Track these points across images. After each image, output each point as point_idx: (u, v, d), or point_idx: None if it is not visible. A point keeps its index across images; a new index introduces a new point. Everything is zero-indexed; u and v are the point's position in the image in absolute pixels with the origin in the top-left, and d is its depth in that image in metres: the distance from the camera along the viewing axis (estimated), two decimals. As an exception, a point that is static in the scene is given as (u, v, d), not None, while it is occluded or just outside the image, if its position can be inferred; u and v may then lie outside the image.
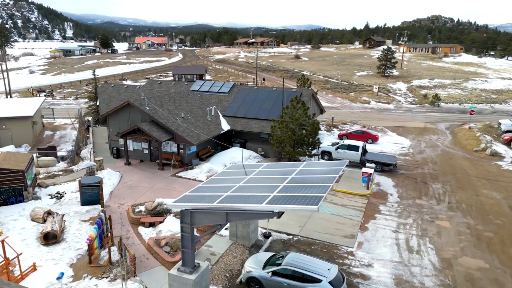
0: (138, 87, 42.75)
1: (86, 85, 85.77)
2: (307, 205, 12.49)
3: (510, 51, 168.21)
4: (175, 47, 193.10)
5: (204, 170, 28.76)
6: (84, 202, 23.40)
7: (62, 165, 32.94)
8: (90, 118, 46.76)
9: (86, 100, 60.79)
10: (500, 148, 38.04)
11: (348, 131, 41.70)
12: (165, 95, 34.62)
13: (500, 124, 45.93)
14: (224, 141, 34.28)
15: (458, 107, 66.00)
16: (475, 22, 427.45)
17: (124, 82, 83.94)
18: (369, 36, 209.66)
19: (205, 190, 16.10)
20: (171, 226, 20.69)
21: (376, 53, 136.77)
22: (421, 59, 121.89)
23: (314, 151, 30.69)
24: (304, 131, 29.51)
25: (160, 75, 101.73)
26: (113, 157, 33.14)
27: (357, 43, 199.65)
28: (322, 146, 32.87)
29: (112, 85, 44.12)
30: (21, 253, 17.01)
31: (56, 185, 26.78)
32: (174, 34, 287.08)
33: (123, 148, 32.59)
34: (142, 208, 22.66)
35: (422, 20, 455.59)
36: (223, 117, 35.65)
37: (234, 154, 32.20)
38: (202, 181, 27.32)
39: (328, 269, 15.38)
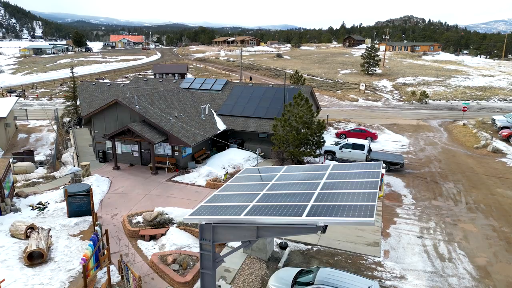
0: (122, 85, 39.79)
1: (61, 85, 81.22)
2: (359, 217, 10.52)
3: (483, 49, 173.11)
4: (152, 46, 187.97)
5: (203, 173, 26.38)
6: (71, 214, 20.66)
7: (41, 171, 29.80)
8: (69, 119, 43.34)
9: (63, 100, 57.02)
10: (500, 144, 37.39)
11: (346, 129, 40.18)
12: (155, 93, 31.98)
13: (494, 120, 45.61)
14: (220, 142, 32.00)
15: (446, 104, 66.04)
16: (445, 22, 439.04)
17: (105, 81, 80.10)
18: (345, 35, 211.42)
19: (224, 199, 13.88)
20: (175, 239, 18.31)
21: (357, 51, 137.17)
22: (401, 57, 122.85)
23: (318, 151, 28.89)
24: (308, 130, 27.64)
25: (139, 74, 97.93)
26: (99, 161, 30.23)
27: (335, 42, 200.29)
28: (325, 146, 31.09)
29: (93, 83, 40.96)
30: (3, 280, 14.26)
31: (37, 194, 23.80)
32: (150, 33, 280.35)
33: (111, 151, 29.80)
34: (139, 218, 20.14)
35: (395, 20, 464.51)
36: (218, 116, 33.34)
37: (232, 156, 29.98)
38: (202, 186, 25.02)
39: (369, 287, 13.47)
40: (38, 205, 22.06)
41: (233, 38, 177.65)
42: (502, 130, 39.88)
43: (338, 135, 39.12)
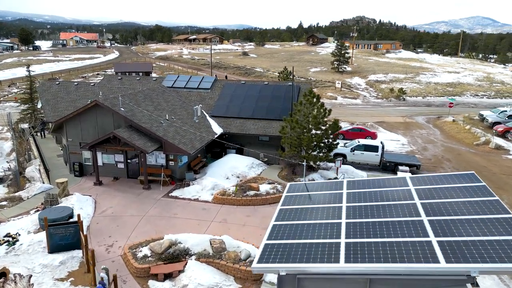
0: (92, 84, 34.57)
1: (9, 86, 72.59)
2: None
3: (436, 48, 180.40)
4: (108, 44, 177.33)
5: (207, 186, 22.41)
6: (54, 249, 16.04)
7: (1, 190, 24.35)
8: (30, 125, 37.23)
9: (15, 103, 50.15)
10: (499, 140, 36.46)
11: (343, 129, 37.60)
12: (138, 93, 27.42)
13: (483, 116, 45.23)
14: (215, 147, 28.10)
15: (423, 101, 65.97)
16: (395, 23, 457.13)
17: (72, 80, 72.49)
18: (304, 34, 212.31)
19: (291, 232, 10.28)
20: (199, 277, 14.40)
21: (322, 49, 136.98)
22: (367, 55, 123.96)
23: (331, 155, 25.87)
24: (322, 131, 24.53)
25: (98, 74, 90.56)
26: (74, 175, 25.25)
27: (294, 41, 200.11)
28: (334, 148, 28.16)
29: (57, 82, 35.35)
30: None
31: (2, 222, 18.76)
32: (104, 31, 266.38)
33: (90, 163, 25.00)
34: (146, 250, 15.95)
35: (348, 20, 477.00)
36: (211, 118, 29.38)
37: (233, 163, 26.21)
38: (208, 202, 21.12)
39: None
40: (6, 238, 17.14)
41: (194, 36, 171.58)
42: (497, 126, 39.18)
43: (335, 135, 36.39)
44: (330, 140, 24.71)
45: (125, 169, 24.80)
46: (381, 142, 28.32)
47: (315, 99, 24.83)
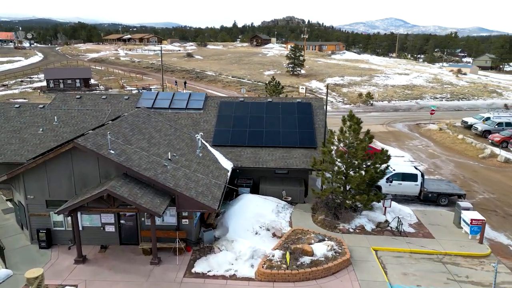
0: (41, 106, 26.27)
1: None
2: None
3: (370, 48, 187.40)
4: (27, 44, 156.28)
5: (244, 254, 16.47)
6: None
7: None
8: None
9: None
10: (505, 153, 34.68)
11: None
12: (122, 122, 20.37)
13: (466, 123, 44.23)
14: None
15: (389, 105, 64.91)
16: (323, 23, 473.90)
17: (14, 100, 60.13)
18: (238, 34, 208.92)
19: None
20: None
21: (268, 51, 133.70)
22: (313, 56, 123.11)
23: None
24: (371, 166, 19.86)
25: (22, 81, 77.62)
26: (39, 246, 17.63)
27: (237, 42, 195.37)
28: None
29: (-11, 105, 26.50)
30: None
31: None
32: (20, 29, 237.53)
33: (61, 228, 17.67)
34: None
35: (279, 21, 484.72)
36: (214, 148, 23.27)
37: (256, 208, 20.46)
38: (252, 279, 15.40)
39: None
40: None
41: (129, 36, 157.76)
42: (494, 135, 37.86)
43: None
44: (380, 175, 20.10)
45: (116, 233, 17.83)
46: (419, 169, 24.50)
47: (357, 125, 20.09)
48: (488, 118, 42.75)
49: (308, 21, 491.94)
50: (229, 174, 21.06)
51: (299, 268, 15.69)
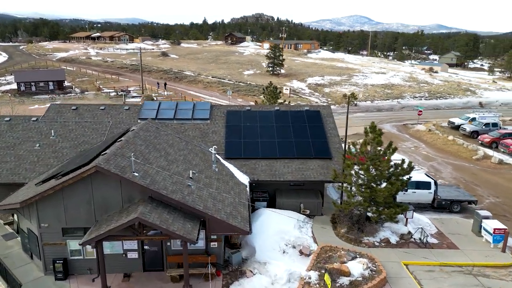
0: (34, 119, 24.36)
1: None
2: None
3: (342, 47, 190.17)
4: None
5: (281, 278, 15.81)
6: None
7: None
8: None
9: None
10: (499, 155, 35.63)
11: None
12: (135, 139, 19.10)
13: (453, 123, 45.36)
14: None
15: (372, 105, 65.87)
16: (292, 20, 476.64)
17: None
18: (210, 31, 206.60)
19: None
20: None
21: (244, 49, 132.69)
22: (290, 55, 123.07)
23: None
24: (395, 179, 19.70)
25: (-12, 84, 72.78)
26: (55, 278, 16.19)
27: (210, 39, 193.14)
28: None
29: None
30: None
31: None
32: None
33: (81, 257, 16.31)
34: None
35: (248, 17, 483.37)
36: (226, 161, 22.39)
37: (277, 224, 19.82)
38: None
39: None
40: None
41: (98, 34, 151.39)
42: (483, 136, 39.00)
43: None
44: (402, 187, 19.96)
45: (139, 260, 16.69)
46: (432, 178, 24.68)
47: (379, 137, 19.86)
48: (474, 119, 44.03)
49: (278, 18, 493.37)
50: (248, 189, 20.27)
51: (340, 291, 15.24)
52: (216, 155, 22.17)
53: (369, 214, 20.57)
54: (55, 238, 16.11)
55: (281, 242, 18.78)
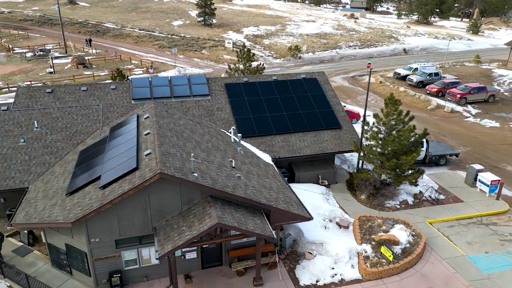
0: (5, 108, 20.26)
1: None
2: None
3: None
4: None
5: (343, 256, 16.40)
6: None
7: None
8: None
9: None
10: (450, 104, 39.28)
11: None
12: (162, 129, 17.18)
13: (399, 74, 48.52)
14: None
15: (315, 57, 66.96)
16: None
17: None
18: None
19: None
20: None
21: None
22: (215, 2, 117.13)
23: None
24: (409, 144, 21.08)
25: None
26: (111, 293, 14.74)
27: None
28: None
29: None
30: None
31: None
32: None
33: (137, 266, 15.01)
34: None
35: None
36: (243, 141, 21.57)
37: (308, 199, 20.14)
38: (360, 280, 15.86)
39: None
40: None
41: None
42: (430, 86, 42.66)
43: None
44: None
45: (199, 259, 15.88)
46: (425, 138, 26.78)
47: (397, 105, 20.82)
48: (416, 69, 47.76)
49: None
50: (276, 169, 20.02)
51: (398, 260, 16.51)
52: (233, 136, 21.09)
53: (386, 178, 21.94)
54: (108, 252, 14.44)
55: (318, 218, 19.29)
